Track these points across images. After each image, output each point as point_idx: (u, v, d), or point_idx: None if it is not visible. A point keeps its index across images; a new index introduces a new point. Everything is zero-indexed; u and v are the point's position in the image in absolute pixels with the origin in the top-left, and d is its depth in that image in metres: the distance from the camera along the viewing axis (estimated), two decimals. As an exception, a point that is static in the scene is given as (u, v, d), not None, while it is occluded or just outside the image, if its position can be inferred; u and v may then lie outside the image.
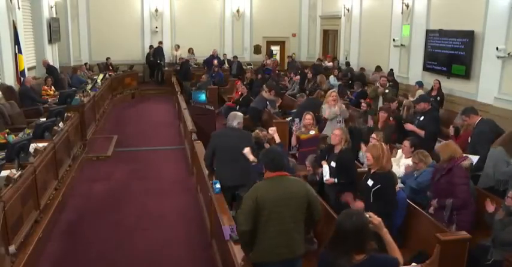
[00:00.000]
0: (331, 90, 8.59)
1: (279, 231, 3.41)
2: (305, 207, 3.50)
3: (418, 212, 4.71)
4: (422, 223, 4.57)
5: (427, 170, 5.21)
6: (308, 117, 6.81)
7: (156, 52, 17.02)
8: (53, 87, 11.11)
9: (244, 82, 13.07)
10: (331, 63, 15.57)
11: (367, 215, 2.76)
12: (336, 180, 5.14)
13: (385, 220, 3.89)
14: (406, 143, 5.78)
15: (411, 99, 9.21)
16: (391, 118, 7.29)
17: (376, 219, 2.81)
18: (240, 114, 5.68)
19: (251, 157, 4.87)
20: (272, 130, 5.65)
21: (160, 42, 17.18)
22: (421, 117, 6.96)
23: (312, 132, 6.72)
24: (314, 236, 4.64)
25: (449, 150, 4.79)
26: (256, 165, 4.76)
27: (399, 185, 5.14)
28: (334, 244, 2.53)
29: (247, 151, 4.92)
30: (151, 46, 17.17)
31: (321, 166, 5.37)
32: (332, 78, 13.05)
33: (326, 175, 5.22)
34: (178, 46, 17.48)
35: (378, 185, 4.25)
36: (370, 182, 4.29)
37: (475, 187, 5.16)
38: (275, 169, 3.50)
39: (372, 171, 4.37)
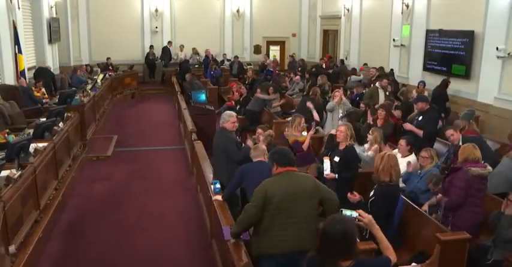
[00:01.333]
0: (336, 90, 8.72)
1: (286, 225, 3.46)
2: (315, 202, 3.55)
3: (418, 212, 4.71)
4: (422, 223, 4.56)
5: (431, 170, 5.23)
6: (302, 121, 6.81)
7: (164, 52, 17.03)
8: (43, 89, 10.83)
9: (246, 82, 13.06)
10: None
11: (357, 213, 2.75)
12: (336, 176, 5.15)
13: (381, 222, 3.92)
14: (402, 142, 5.82)
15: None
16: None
17: (366, 217, 2.79)
18: (229, 112, 5.70)
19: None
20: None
21: (170, 42, 17.24)
22: (419, 116, 6.97)
23: (305, 133, 6.67)
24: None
25: (464, 152, 4.74)
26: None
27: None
28: (320, 251, 2.49)
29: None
30: (151, 47, 17.19)
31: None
32: (354, 77, 13.17)
33: (326, 170, 5.23)
34: (183, 47, 17.49)
35: (373, 198, 4.17)
36: (371, 193, 4.27)
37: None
38: (286, 164, 3.59)
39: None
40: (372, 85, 10.37)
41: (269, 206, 3.45)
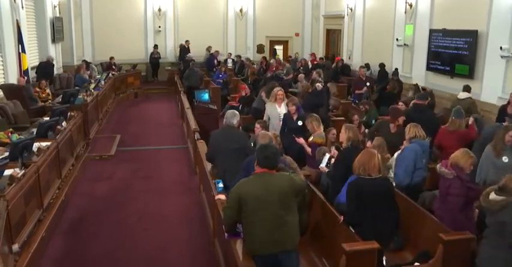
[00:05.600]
0: (277, 88, 8.00)
1: (266, 226, 3.48)
2: (293, 199, 3.57)
3: (421, 211, 4.70)
4: (425, 223, 4.55)
5: (406, 148, 5.34)
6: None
7: (182, 51, 17.07)
8: (48, 90, 10.85)
9: (249, 81, 12.99)
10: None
11: None
12: (327, 170, 5.29)
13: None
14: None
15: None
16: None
17: None
18: (237, 112, 5.68)
19: (221, 197, 4.68)
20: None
21: (187, 41, 17.20)
22: None
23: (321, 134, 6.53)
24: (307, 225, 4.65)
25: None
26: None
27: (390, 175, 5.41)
28: None
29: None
30: (156, 46, 17.22)
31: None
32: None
33: (322, 164, 5.41)
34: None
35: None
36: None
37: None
38: (264, 167, 3.58)
39: None
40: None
41: (245, 206, 3.48)
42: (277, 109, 7.44)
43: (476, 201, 4.36)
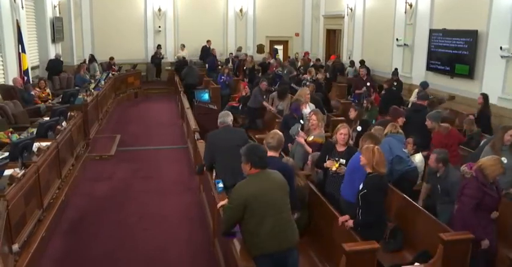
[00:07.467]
0: (305, 89, 8.12)
1: (270, 224, 3.48)
2: (288, 196, 3.64)
3: (421, 211, 4.70)
4: (425, 223, 4.55)
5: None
6: (313, 118, 6.42)
7: (203, 52, 17.03)
8: (48, 90, 10.79)
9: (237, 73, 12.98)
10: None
11: None
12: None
13: (368, 232, 3.95)
14: (410, 140, 5.96)
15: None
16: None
17: None
18: (228, 111, 5.70)
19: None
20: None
21: (209, 42, 17.17)
22: None
23: (321, 134, 6.46)
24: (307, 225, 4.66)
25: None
26: None
27: None
28: None
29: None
30: (159, 46, 17.22)
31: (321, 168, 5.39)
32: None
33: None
34: (184, 46, 17.49)
35: (365, 190, 4.19)
36: (360, 185, 4.28)
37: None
38: (259, 167, 3.59)
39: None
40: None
41: (248, 207, 3.47)
42: (303, 110, 7.56)
43: (494, 211, 4.33)
